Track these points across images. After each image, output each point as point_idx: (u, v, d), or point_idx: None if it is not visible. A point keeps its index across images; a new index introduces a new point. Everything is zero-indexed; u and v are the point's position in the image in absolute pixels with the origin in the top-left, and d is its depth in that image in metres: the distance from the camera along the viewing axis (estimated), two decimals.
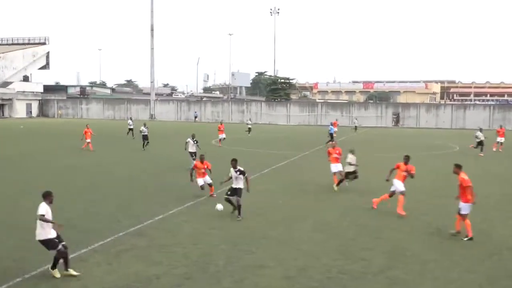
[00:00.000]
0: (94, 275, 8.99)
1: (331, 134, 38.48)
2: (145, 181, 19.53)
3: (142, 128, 32.62)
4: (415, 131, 62.37)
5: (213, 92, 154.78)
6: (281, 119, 77.29)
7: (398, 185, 14.26)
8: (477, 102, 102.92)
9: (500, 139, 34.47)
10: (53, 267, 8.81)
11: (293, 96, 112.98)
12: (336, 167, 18.32)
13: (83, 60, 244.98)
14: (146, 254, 10.27)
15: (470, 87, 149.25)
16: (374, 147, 36.31)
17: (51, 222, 8.79)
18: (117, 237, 11.39)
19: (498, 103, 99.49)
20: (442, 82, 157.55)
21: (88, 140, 31.22)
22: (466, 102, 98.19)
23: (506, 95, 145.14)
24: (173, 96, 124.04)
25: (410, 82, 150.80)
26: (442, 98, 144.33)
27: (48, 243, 8.77)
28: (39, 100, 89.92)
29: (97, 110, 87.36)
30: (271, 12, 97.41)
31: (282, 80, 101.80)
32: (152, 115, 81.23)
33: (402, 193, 14.16)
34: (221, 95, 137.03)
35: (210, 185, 16.17)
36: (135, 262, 9.74)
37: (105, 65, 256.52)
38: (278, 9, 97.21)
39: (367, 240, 11.71)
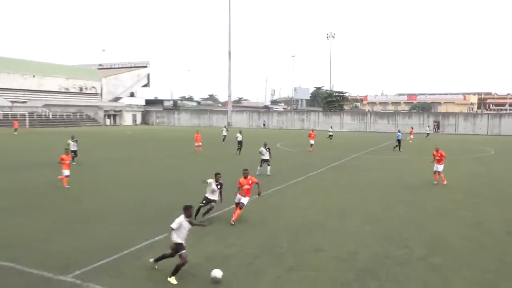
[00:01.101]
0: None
1: (398, 140, 35.34)
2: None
3: (238, 134, 31.13)
4: (454, 136, 59.10)
5: (278, 104, 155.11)
6: (336, 126, 76.13)
7: (438, 167, 18.14)
8: (511, 112, 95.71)
9: None
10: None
11: (346, 107, 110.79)
12: (437, 167, 18.49)
13: (176, 79, 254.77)
14: (224, 236, 10.51)
15: (506, 98, 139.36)
16: (423, 150, 34.79)
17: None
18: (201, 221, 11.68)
19: None
20: (479, 94, 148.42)
21: (198, 144, 31.06)
22: (502, 112, 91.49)
23: None
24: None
25: (450, 94, 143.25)
26: (479, 108, 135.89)
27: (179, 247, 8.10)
28: (142, 111, 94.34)
29: (186, 119, 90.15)
30: (327, 36, 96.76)
31: (337, 93, 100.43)
32: (229, 123, 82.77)
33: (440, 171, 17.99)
34: (285, 107, 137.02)
35: (240, 206, 11.83)
36: (214, 242, 10.02)
37: (192, 82, 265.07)
38: (334, 34, 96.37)
39: (410, 231, 11.27)
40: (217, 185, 12.08)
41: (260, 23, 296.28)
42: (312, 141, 33.88)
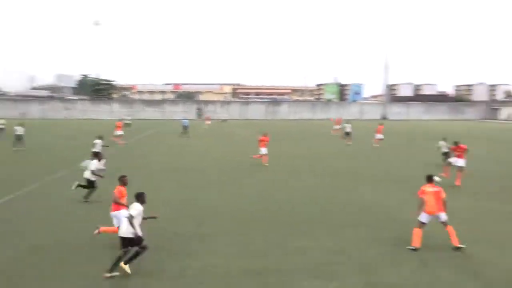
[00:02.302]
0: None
1: (185, 127, 36.98)
2: None
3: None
4: (219, 123, 65.44)
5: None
6: (105, 114, 73.10)
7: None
8: (257, 100, 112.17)
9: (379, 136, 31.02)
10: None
11: (114, 96, 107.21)
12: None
13: None
14: None
15: (252, 88, 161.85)
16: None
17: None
18: None
19: (270, 100, 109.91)
20: (232, 84, 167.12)
21: None
22: (249, 100, 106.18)
23: (275, 95, 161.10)
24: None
25: (209, 84, 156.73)
26: (232, 96, 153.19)
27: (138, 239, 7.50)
28: None
29: None
30: (94, 23, 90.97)
31: (104, 82, 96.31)
32: None
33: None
34: (52, 94, 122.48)
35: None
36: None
37: None
38: (99, 21, 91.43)
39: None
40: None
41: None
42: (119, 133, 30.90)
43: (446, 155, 19.71)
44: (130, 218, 7.41)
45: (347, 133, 32.58)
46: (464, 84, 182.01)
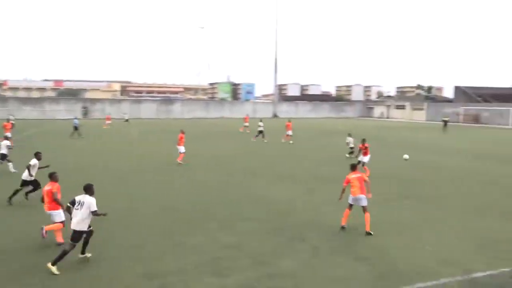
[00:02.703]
0: None
1: (75, 127, 33.87)
2: None
3: None
4: (101, 121, 61.48)
5: None
6: None
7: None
8: (148, 98, 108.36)
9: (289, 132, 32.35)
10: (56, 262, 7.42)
11: None
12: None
13: None
14: None
15: (143, 86, 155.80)
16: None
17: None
18: None
19: (162, 98, 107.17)
20: (121, 82, 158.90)
21: None
22: (141, 98, 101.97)
23: (168, 93, 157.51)
24: None
25: (96, 81, 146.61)
26: (122, 94, 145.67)
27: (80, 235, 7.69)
28: None
29: None
30: None
31: None
32: None
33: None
34: None
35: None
36: None
37: None
38: None
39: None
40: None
41: None
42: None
43: (352, 149, 22.35)
44: (95, 213, 7.71)
45: (260, 132, 32.67)
46: (344, 85, 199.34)
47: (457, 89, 78.12)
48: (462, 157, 24.11)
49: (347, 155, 23.07)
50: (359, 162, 18.51)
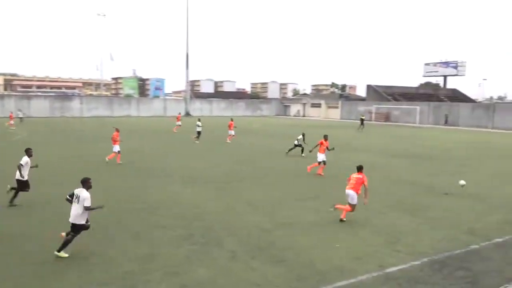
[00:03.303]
0: None
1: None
2: None
3: None
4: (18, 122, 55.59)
5: None
6: None
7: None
8: (39, 93, 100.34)
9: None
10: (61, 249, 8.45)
11: None
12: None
13: None
14: None
15: (32, 80, 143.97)
16: None
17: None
18: None
19: (57, 94, 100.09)
20: (4, 74, 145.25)
21: None
22: (30, 94, 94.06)
23: (63, 88, 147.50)
24: None
25: None
26: (5, 89, 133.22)
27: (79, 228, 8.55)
28: None
29: None
30: None
31: None
32: None
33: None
34: None
35: None
36: None
37: None
38: None
39: None
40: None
41: None
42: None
43: (299, 146, 24.74)
44: (88, 208, 8.41)
45: (199, 132, 32.37)
46: (259, 82, 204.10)
47: (369, 87, 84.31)
48: (375, 154, 26.07)
49: (303, 155, 24.29)
50: (320, 161, 18.82)
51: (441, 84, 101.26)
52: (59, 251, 8.45)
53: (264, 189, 15.52)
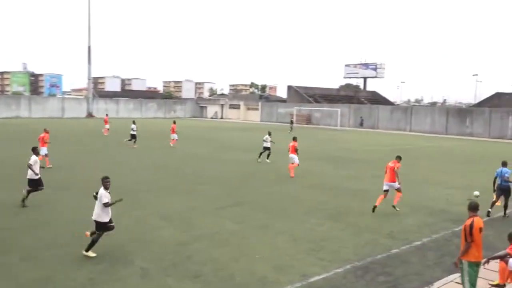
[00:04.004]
0: None
1: None
2: None
3: None
4: None
5: None
6: None
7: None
8: None
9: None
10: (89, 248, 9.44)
11: None
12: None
13: None
14: None
15: None
16: None
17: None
18: None
19: None
20: None
21: None
22: None
23: None
24: None
25: None
26: None
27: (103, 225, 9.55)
28: None
29: None
30: None
31: None
32: None
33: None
34: None
35: None
36: None
37: None
38: None
39: None
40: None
41: None
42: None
43: (268, 149, 25.10)
44: (106, 204, 9.43)
45: (133, 136, 31.33)
46: (173, 80, 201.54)
47: (290, 88, 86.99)
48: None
49: (268, 161, 24.88)
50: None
51: (361, 86, 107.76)
52: (87, 250, 9.42)
53: (181, 198, 15.32)
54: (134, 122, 32.43)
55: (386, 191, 14.20)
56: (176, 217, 12.80)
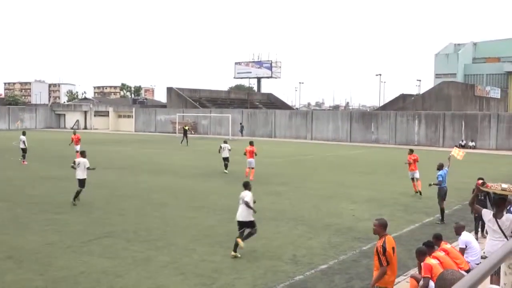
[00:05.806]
0: None
1: None
2: None
3: None
4: None
5: None
6: None
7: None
8: None
9: None
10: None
11: None
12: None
13: None
14: None
15: None
16: None
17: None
18: None
19: None
20: None
21: None
22: None
23: None
24: None
25: None
26: None
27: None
28: None
29: None
30: None
31: None
32: None
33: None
34: None
35: None
36: None
37: None
38: None
39: None
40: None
41: None
42: None
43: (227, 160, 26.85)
44: (247, 204, 12.45)
45: (23, 149, 31.59)
46: (18, 81, 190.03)
47: (170, 91, 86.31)
48: (176, 175, 26.84)
49: (225, 171, 27.89)
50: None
51: (255, 88, 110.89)
52: (243, 240, 12.26)
53: (33, 232, 14.44)
54: (24, 134, 32.70)
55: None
56: (28, 257, 12.03)
